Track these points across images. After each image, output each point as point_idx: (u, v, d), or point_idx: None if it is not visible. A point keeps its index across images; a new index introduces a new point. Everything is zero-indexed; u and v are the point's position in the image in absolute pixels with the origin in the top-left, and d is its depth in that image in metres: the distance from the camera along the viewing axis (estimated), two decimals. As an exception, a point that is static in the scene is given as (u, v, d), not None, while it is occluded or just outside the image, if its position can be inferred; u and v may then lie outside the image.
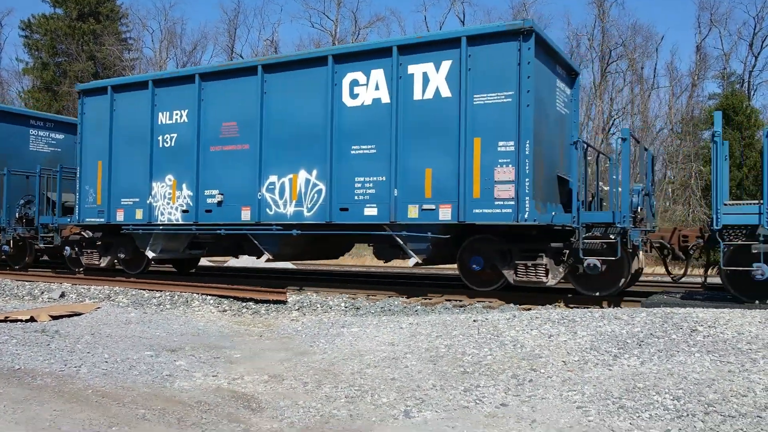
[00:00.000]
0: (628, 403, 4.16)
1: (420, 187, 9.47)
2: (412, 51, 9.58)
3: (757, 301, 8.10)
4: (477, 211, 9.04)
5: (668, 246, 9.06)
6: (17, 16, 77.05)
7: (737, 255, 8.03)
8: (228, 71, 11.42)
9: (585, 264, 8.59)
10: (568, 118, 10.63)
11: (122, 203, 12.51)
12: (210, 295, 10.48)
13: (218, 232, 11.34)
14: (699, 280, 10.30)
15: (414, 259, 9.82)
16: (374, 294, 10.51)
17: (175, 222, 11.82)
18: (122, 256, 13.18)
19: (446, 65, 9.29)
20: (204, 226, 11.52)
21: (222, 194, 11.23)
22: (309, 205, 10.38)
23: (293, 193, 10.51)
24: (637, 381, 4.57)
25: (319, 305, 9.55)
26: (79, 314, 8.16)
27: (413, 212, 9.49)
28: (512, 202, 8.82)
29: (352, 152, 10.00)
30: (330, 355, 5.87)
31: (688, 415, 3.93)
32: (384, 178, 9.71)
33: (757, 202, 7.97)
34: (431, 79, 9.41)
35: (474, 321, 6.59)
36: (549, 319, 6.40)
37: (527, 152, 8.71)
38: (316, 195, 10.30)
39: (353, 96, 10.03)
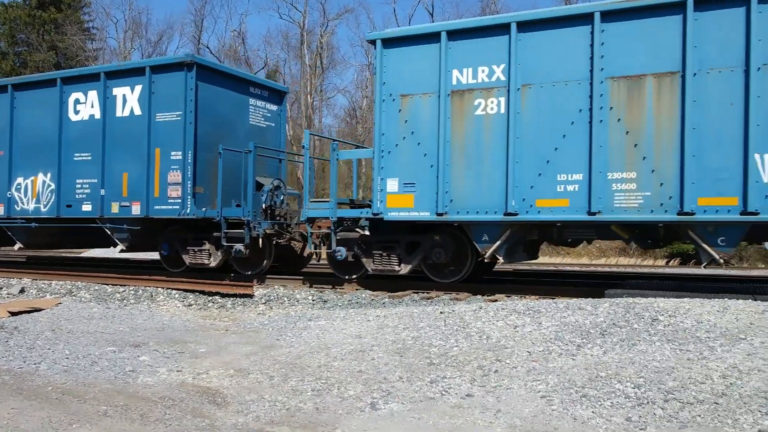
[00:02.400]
0: (591, 391, 4.22)
1: (120, 187, 11.62)
2: (115, 77, 11.76)
3: (347, 276, 10.53)
4: (157, 207, 11.24)
5: (306, 234, 10.83)
6: (-26, 4, 74.61)
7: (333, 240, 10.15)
8: None
9: (234, 249, 10.82)
10: (271, 130, 13.00)
11: None
12: (175, 289, 10.35)
13: None
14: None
15: (120, 246, 12.08)
16: (342, 287, 10.49)
17: None
18: None
19: (138, 89, 11.49)
20: None
21: None
22: (45, 203, 12.51)
23: (34, 192, 12.67)
24: (599, 370, 4.64)
25: (286, 299, 9.50)
26: (40, 310, 7.99)
27: (115, 208, 11.67)
28: (179, 200, 11.00)
29: (75, 158, 12.12)
30: (297, 348, 5.85)
31: (648, 402, 4.00)
32: (96, 180, 11.82)
33: (328, 199, 10.15)
34: (128, 100, 11.64)
35: (441, 313, 6.62)
36: (515, 310, 6.46)
37: (189, 160, 10.93)
38: (50, 194, 12.44)
39: (76, 112, 12.20)
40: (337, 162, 10.26)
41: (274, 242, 11.35)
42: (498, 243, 8.93)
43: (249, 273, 11.39)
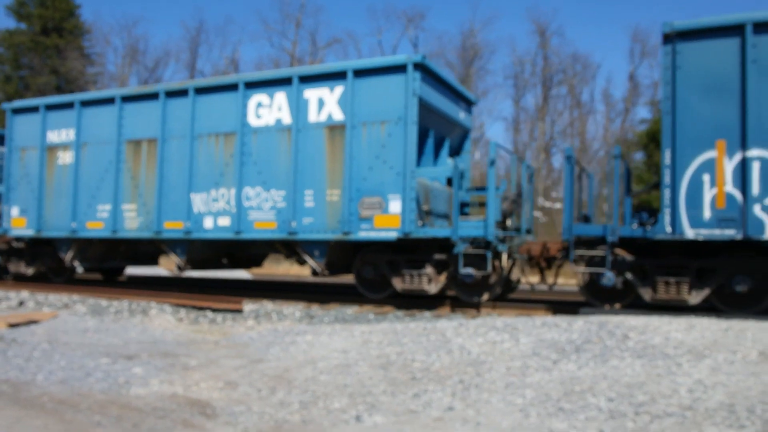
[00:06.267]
0: (566, 405, 4.42)
1: None
2: None
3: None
4: None
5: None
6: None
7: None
8: None
9: None
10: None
11: None
12: (167, 303, 10.49)
13: None
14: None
15: None
16: (328, 303, 10.66)
17: None
18: None
19: None
20: None
21: None
22: None
23: None
24: (574, 384, 4.85)
25: (274, 314, 9.66)
26: (37, 322, 8.11)
27: None
28: None
29: None
30: (284, 362, 6.02)
31: (620, 415, 4.20)
32: None
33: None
34: None
35: (424, 329, 6.82)
36: (494, 326, 6.67)
37: None
38: None
39: None
40: None
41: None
42: (71, 253, 13.00)
43: None
